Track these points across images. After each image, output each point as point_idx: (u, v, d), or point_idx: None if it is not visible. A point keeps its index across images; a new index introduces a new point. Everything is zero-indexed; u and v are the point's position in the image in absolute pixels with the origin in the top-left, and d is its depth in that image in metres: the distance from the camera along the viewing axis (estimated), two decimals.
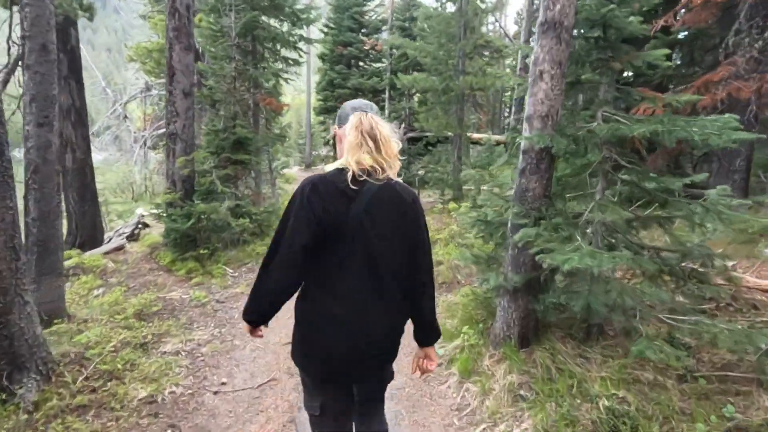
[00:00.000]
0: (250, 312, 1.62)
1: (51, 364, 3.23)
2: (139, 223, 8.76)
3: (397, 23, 17.44)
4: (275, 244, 1.54)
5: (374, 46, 18.36)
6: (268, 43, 8.45)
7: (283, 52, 8.91)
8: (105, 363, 3.45)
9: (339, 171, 1.52)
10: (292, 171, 21.29)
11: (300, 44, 8.96)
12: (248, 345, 3.96)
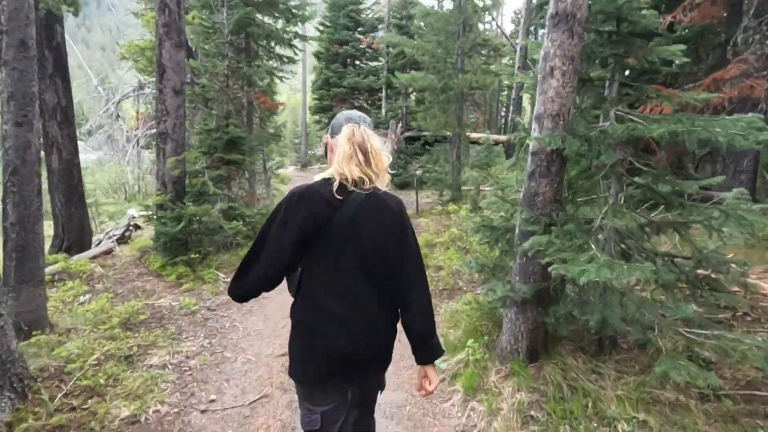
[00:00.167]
0: (231, 293, 1.65)
1: (27, 381, 3.06)
2: (130, 225, 8.50)
3: (393, 21, 17.28)
4: (257, 247, 1.56)
5: (371, 45, 18.19)
6: (262, 41, 8.27)
7: (278, 49, 8.74)
8: (86, 378, 3.27)
9: (326, 181, 1.55)
10: (287, 171, 21.06)
11: (295, 42, 8.78)
12: (239, 357, 3.74)
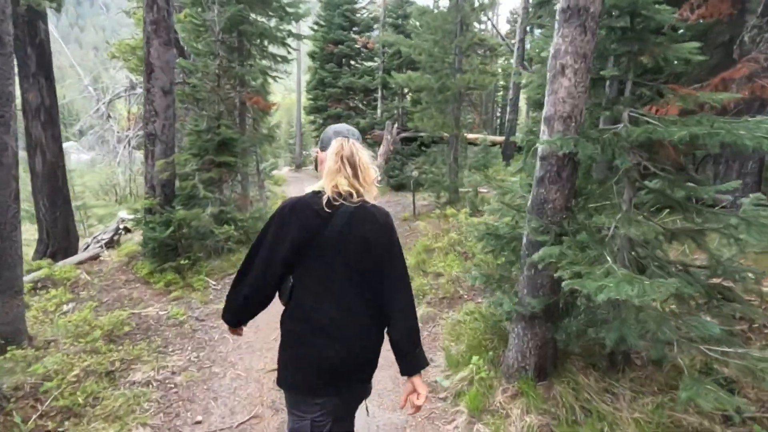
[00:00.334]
0: (225, 315, 1.74)
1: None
2: (119, 228, 8.24)
3: (389, 21, 17.09)
4: (251, 257, 1.62)
5: (366, 44, 17.98)
6: (254, 39, 8.04)
7: (271, 48, 8.51)
8: (64, 397, 3.07)
9: (315, 194, 1.59)
10: (281, 172, 20.83)
11: (289, 40, 8.56)
12: (228, 372, 3.53)
